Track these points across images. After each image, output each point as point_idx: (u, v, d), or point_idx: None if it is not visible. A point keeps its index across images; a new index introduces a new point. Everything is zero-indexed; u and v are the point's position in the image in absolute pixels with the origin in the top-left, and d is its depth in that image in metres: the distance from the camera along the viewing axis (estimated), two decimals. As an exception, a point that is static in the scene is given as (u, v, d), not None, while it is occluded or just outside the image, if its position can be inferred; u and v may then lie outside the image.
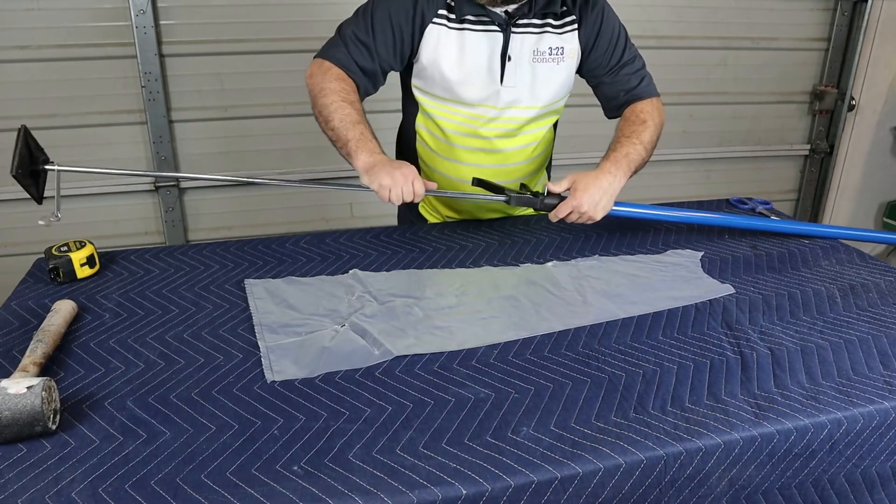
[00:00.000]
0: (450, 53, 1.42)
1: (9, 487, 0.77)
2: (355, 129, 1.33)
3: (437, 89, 1.48)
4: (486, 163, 1.55)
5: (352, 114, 1.35)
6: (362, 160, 1.30)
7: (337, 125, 1.34)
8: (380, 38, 1.40)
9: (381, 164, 1.29)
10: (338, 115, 1.35)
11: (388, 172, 1.27)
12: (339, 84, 1.39)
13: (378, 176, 1.27)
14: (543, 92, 1.49)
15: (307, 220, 2.89)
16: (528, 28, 1.44)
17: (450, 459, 0.83)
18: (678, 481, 0.87)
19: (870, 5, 3.09)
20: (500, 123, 1.50)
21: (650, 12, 2.94)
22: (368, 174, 1.29)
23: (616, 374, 1.03)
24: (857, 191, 3.51)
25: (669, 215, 1.60)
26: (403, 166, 1.29)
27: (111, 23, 2.43)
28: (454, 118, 1.50)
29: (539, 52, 1.45)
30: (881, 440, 0.97)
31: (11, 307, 1.20)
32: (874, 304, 1.28)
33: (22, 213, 2.59)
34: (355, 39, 1.41)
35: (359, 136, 1.32)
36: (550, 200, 1.41)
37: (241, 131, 2.70)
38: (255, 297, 1.24)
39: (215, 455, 0.83)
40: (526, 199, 1.42)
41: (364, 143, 1.32)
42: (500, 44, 1.43)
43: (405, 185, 1.27)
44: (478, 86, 1.45)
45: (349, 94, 1.38)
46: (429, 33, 1.42)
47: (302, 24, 2.60)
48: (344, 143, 1.34)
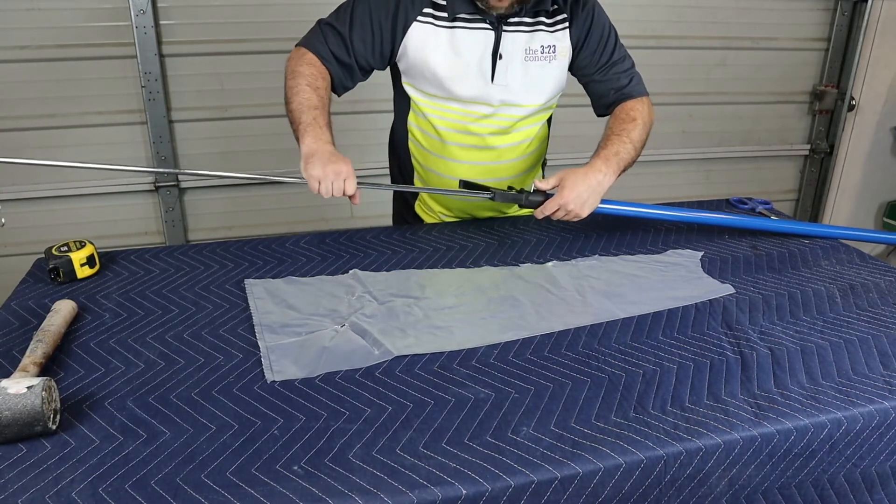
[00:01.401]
0: (439, 51, 1.42)
1: (9, 487, 0.77)
2: (310, 113, 1.32)
3: (428, 87, 1.48)
4: (479, 160, 1.55)
5: (311, 98, 1.34)
6: (306, 145, 1.28)
7: (295, 108, 1.34)
8: (357, 32, 1.41)
9: (320, 154, 1.26)
10: (298, 97, 1.35)
11: (321, 165, 1.24)
12: (310, 69, 1.39)
13: (312, 166, 1.25)
14: (536, 90, 1.50)
15: (307, 220, 2.89)
16: (520, 27, 1.45)
17: (450, 459, 0.83)
18: (678, 481, 0.88)
19: (870, 5, 3.09)
20: (493, 121, 1.51)
21: (650, 12, 2.94)
22: (305, 162, 1.27)
23: (616, 374, 1.03)
24: (857, 191, 3.51)
25: (655, 213, 1.59)
26: (339, 162, 1.26)
27: (111, 23, 2.43)
28: (447, 115, 1.50)
29: (531, 50, 1.46)
30: (881, 440, 0.97)
31: (11, 307, 1.20)
32: (874, 304, 1.28)
33: (22, 213, 2.59)
34: (333, 30, 1.42)
35: (310, 121, 1.31)
36: (535, 197, 1.42)
37: (241, 131, 2.69)
38: (255, 297, 1.24)
39: (215, 455, 0.83)
40: (510, 195, 1.43)
41: (313, 128, 1.30)
42: (491, 42, 1.43)
43: (336, 181, 1.25)
44: (468, 83, 1.45)
45: (316, 80, 1.38)
46: (412, 32, 1.42)
47: (302, 24, 2.57)
48: (296, 126, 1.33)
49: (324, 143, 1.28)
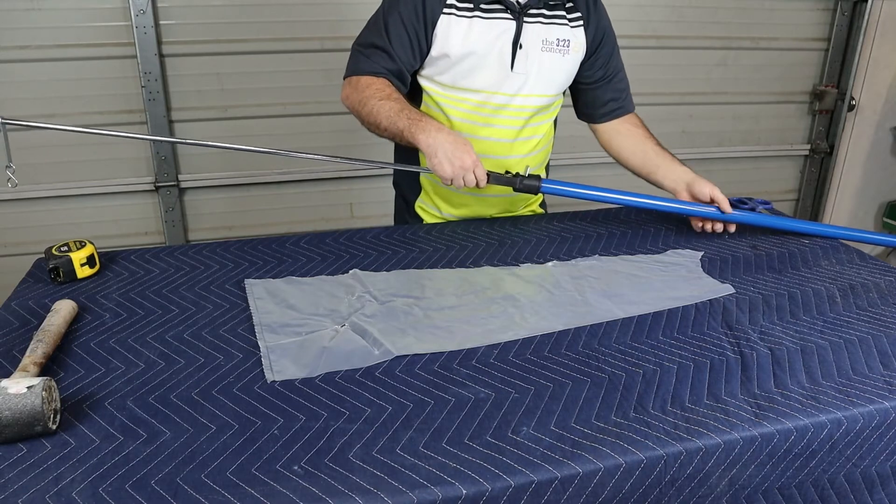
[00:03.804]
0: (460, 40, 1.45)
1: (9, 487, 0.77)
2: (401, 118, 1.36)
3: (445, 77, 1.50)
4: (490, 153, 1.57)
5: (392, 106, 1.38)
6: (421, 142, 1.34)
7: (387, 125, 1.38)
8: (395, 41, 1.44)
9: (440, 147, 1.32)
10: (382, 115, 1.38)
11: (448, 161, 1.32)
12: (371, 89, 1.42)
13: (439, 164, 1.33)
14: (550, 81, 1.54)
15: (307, 220, 2.90)
16: (539, 18, 1.48)
17: (450, 459, 0.83)
18: (678, 481, 0.87)
19: (870, 5, 3.09)
20: (508, 112, 1.53)
21: (650, 12, 2.94)
22: (430, 160, 1.34)
23: (616, 374, 1.03)
24: (857, 191, 3.51)
25: (606, 196, 1.54)
26: (462, 153, 1.32)
27: (111, 23, 2.43)
28: (462, 106, 1.53)
29: (548, 41, 1.50)
30: (881, 440, 0.97)
31: (11, 307, 1.20)
32: (874, 304, 1.28)
33: (22, 213, 2.59)
34: (372, 48, 1.45)
35: (408, 123, 1.35)
36: (530, 182, 1.46)
37: (241, 131, 2.70)
38: (255, 297, 1.24)
39: (215, 455, 0.83)
40: (505, 179, 1.46)
41: (416, 125, 1.35)
42: (512, 31, 1.46)
43: (466, 175, 1.33)
44: (488, 72, 1.48)
45: (383, 90, 1.41)
46: (440, 25, 1.45)
47: (302, 24, 2.61)
48: (401, 136, 1.37)
49: (436, 133, 1.33)
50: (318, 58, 2.64)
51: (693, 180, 1.55)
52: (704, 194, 1.53)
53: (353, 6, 2.59)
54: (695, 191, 1.55)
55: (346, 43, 2.60)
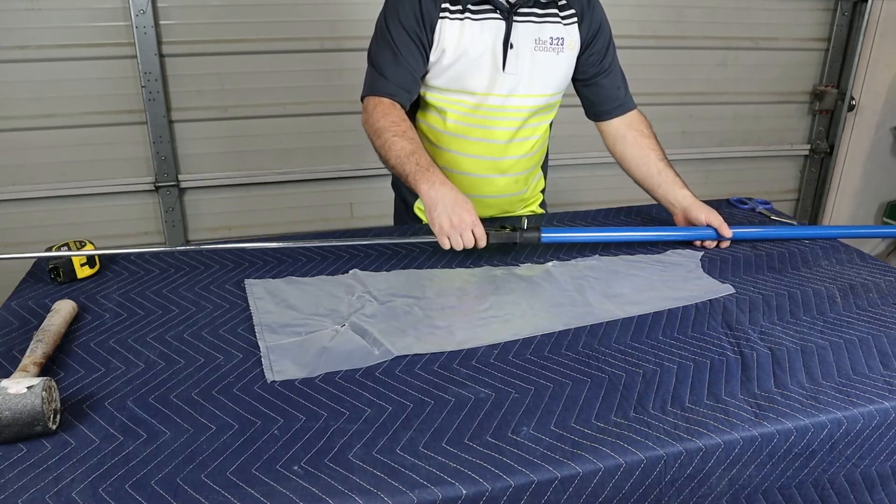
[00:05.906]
0: (454, 43, 1.45)
1: (9, 487, 0.77)
2: (409, 161, 1.35)
3: (440, 80, 1.50)
4: (486, 155, 1.58)
5: (404, 146, 1.37)
6: (423, 193, 1.32)
7: (395, 163, 1.38)
8: (405, 51, 1.44)
9: (441, 202, 1.29)
10: (392, 152, 1.38)
11: (447, 216, 1.28)
12: (388, 119, 1.41)
13: (438, 218, 1.29)
14: (544, 81, 1.53)
15: (307, 220, 2.90)
16: (530, 17, 1.48)
17: (450, 459, 0.83)
18: (678, 481, 0.87)
19: (870, 5, 3.09)
20: (504, 114, 1.53)
21: (650, 12, 2.94)
22: (429, 213, 1.31)
23: (616, 374, 1.03)
24: (857, 191, 3.51)
25: (604, 237, 1.54)
26: (462, 210, 1.28)
27: (111, 23, 2.43)
28: (458, 108, 1.53)
29: (540, 40, 1.49)
30: (881, 440, 0.97)
31: (11, 307, 1.20)
32: (874, 304, 1.28)
33: (22, 213, 2.59)
34: (388, 63, 1.45)
35: (415, 169, 1.34)
36: (530, 234, 1.41)
37: (241, 131, 2.70)
38: (255, 297, 1.24)
39: (215, 455, 0.83)
40: (505, 235, 1.39)
41: (422, 174, 1.33)
42: (502, 31, 1.46)
43: (464, 233, 1.29)
44: (481, 74, 1.48)
45: (399, 125, 1.41)
46: (437, 28, 1.45)
47: (302, 24, 2.61)
48: (405, 178, 1.36)
49: (439, 186, 1.31)
50: (318, 58, 2.64)
51: (690, 206, 1.53)
52: (700, 221, 1.51)
53: (353, 6, 2.60)
54: (690, 217, 1.53)
55: (346, 43, 2.64)
